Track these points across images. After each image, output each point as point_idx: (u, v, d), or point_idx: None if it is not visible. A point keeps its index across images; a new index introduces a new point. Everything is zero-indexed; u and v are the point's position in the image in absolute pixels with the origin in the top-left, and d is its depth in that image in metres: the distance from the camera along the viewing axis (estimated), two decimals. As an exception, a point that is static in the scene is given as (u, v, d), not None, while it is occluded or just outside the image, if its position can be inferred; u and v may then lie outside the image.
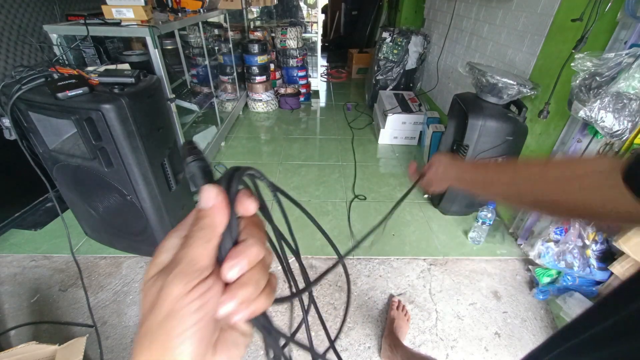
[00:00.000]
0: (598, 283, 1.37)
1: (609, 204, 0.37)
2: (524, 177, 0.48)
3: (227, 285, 0.20)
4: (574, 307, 1.30)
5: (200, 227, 0.19)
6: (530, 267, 1.58)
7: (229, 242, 0.20)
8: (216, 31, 2.98)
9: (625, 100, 1.06)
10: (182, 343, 0.18)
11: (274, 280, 0.22)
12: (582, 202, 0.40)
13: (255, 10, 3.99)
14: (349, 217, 1.92)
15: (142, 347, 0.18)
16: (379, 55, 3.16)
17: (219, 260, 0.20)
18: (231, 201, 0.21)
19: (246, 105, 3.44)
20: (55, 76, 1.18)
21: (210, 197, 0.20)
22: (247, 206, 0.21)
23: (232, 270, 0.19)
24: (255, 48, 3.09)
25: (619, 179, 0.34)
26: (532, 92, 1.52)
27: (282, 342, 0.23)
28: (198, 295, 0.18)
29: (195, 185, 0.22)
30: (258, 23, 4.03)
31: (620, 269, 1.22)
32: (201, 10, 2.17)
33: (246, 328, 0.22)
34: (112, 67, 1.36)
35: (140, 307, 0.20)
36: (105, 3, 1.50)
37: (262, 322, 0.22)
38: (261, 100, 3.34)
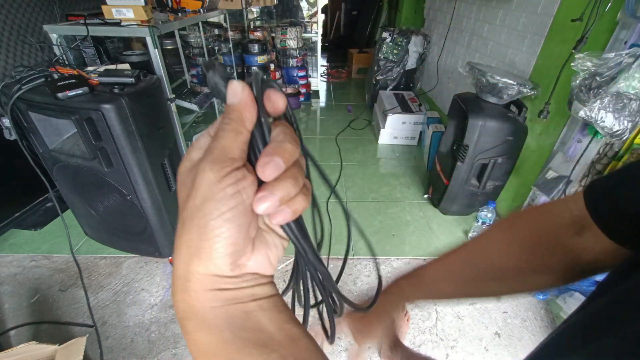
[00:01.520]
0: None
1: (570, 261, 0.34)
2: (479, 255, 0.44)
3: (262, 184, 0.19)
4: (574, 307, 1.30)
5: (228, 120, 0.19)
6: (530, 267, 1.58)
7: (261, 140, 0.20)
8: (216, 31, 2.98)
9: (625, 100, 1.06)
10: (220, 226, 0.18)
11: (309, 184, 0.21)
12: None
13: (255, 10, 3.99)
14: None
15: (183, 231, 0.19)
16: (379, 55, 3.16)
17: (250, 159, 0.20)
18: (258, 98, 0.19)
19: (246, 105, 3.44)
20: (55, 76, 1.18)
21: (237, 91, 0.19)
22: (276, 101, 0.20)
23: (267, 165, 0.18)
24: (255, 48, 3.09)
25: (587, 219, 0.31)
26: (532, 92, 1.52)
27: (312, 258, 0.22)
28: (232, 181, 0.18)
29: (219, 94, 0.20)
30: (258, 23, 4.03)
31: (620, 269, 1.22)
32: (201, 10, 2.17)
33: (282, 232, 0.22)
34: (112, 67, 1.36)
35: (178, 200, 0.21)
36: (105, 3, 1.49)
37: (296, 230, 0.21)
38: (261, 100, 3.34)
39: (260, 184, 0.19)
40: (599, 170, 1.33)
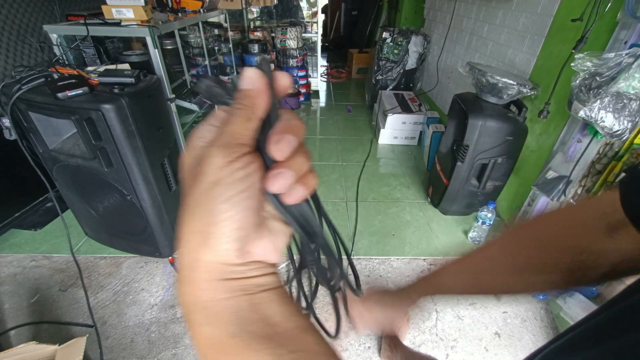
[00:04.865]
0: (598, 283, 1.36)
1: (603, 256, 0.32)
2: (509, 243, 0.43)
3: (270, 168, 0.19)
4: (574, 307, 1.30)
5: (240, 106, 0.18)
6: (530, 267, 1.58)
7: (270, 128, 0.19)
8: (216, 31, 2.98)
9: (625, 100, 1.06)
10: (227, 210, 0.17)
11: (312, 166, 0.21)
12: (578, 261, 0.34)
13: (255, 10, 3.99)
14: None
15: (190, 218, 0.18)
16: (379, 55, 3.16)
17: (259, 146, 0.19)
18: (271, 86, 0.19)
19: (246, 105, 3.44)
20: (55, 76, 1.18)
21: (253, 78, 0.19)
22: (284, 83, 0.20)
23: (280, 142, 0.18)
24: (255, 48, 3.09)
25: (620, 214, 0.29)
26: (532, 92, 1.52)
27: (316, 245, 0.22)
28: (241, 165, 0.17)
29: (213, 95, 0.20)
30: (258, 23, 4.03)
31: (620, 269, 1.22)
32: (201, 10, 2.17)
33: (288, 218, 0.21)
34: (112, 67, 1.36)
35: (183, 188, 0.20)
36: (105, 3, 1.50)
37: (303, 213, 0.21)
38: (261, 100, 3.34)
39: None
40: (599, 170, 1.33)
